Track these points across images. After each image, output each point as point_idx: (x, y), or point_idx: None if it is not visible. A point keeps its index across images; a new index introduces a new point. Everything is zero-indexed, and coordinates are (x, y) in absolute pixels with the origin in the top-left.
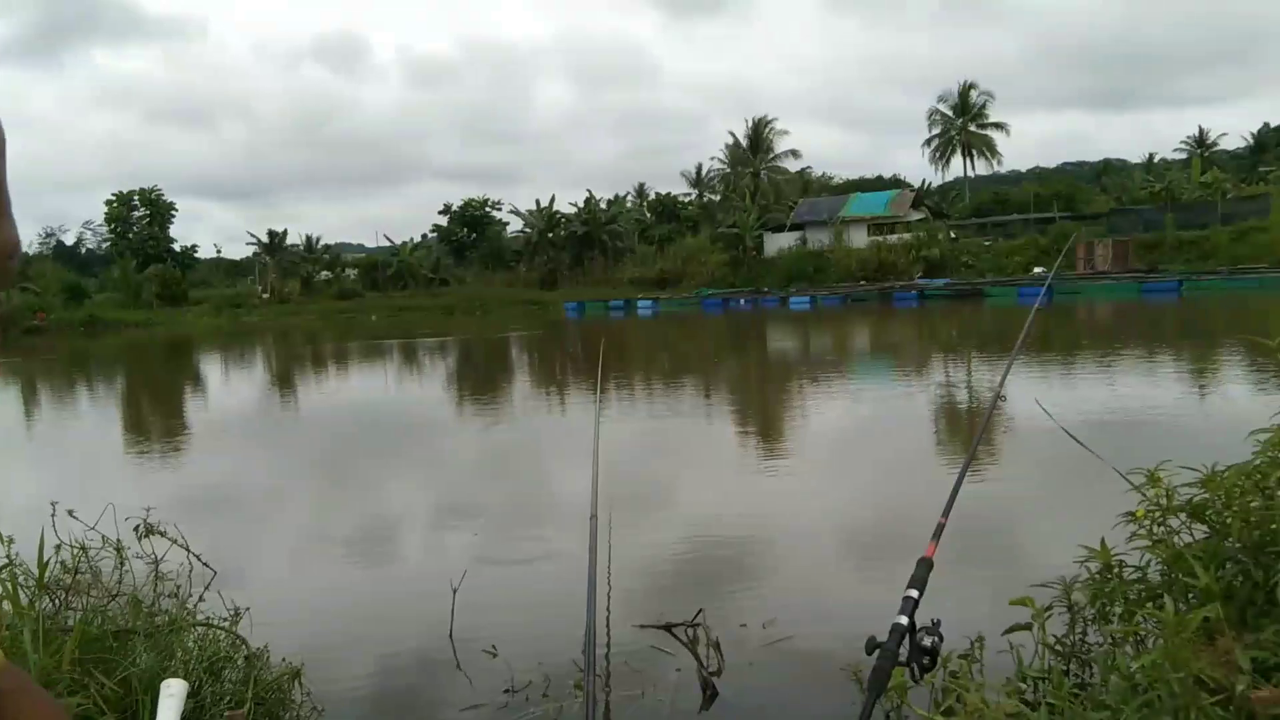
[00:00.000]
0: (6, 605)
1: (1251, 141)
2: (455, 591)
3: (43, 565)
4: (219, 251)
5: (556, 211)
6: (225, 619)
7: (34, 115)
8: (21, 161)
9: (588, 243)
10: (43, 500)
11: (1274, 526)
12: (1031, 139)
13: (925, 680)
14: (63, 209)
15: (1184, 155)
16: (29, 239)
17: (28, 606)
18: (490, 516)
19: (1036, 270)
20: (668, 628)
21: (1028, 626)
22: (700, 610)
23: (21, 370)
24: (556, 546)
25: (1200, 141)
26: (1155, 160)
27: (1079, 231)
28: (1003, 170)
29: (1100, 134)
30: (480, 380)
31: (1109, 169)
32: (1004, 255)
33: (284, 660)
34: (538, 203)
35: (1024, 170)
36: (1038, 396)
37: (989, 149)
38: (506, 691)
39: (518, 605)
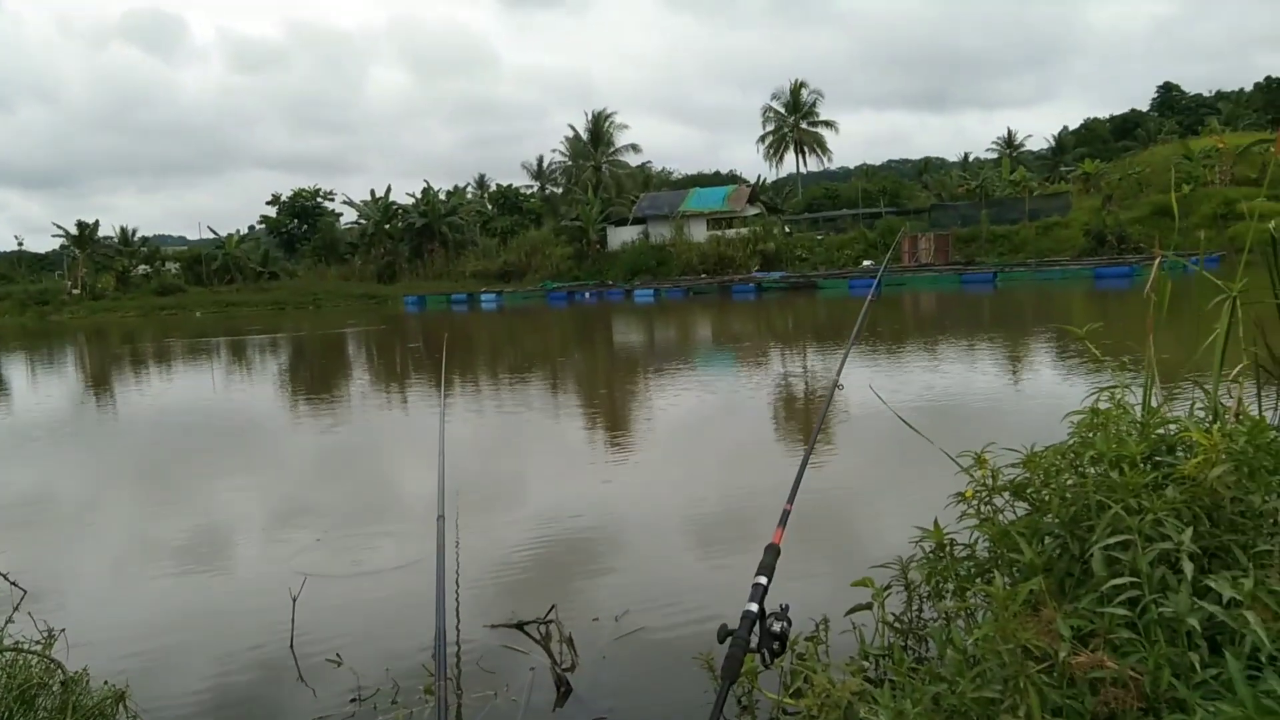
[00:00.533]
0: None
1: (1053, 143)
2: (295, 600)
3: None
4: (20, 244)
5: (393, 202)
6: (38, 641)
7: None
8: None
9: (427, 235)
10: None
11: (1087, 503)
12: (859, 137)
13: (775, 664)
14: None
15: (995, 155)
16: None
17: None
18: (331, 521)
19: (866, 263)
20: (519, 626)
21: (869, 606)
22: (553, 606)
23: None
24: (402, 549)
25: (1009, 142)
26: (970, 159)
27: (905, 226)
28: (833, 167)
29: (921, 133)
30: (315, 378)
31: (929, 166)
32: (835, 249)
33: (106, 683)
34: (373, 193)
35: (852, 167)
36: (872, 384)
37: (820, 146)
38: (353, 700)
39: (362, 611)
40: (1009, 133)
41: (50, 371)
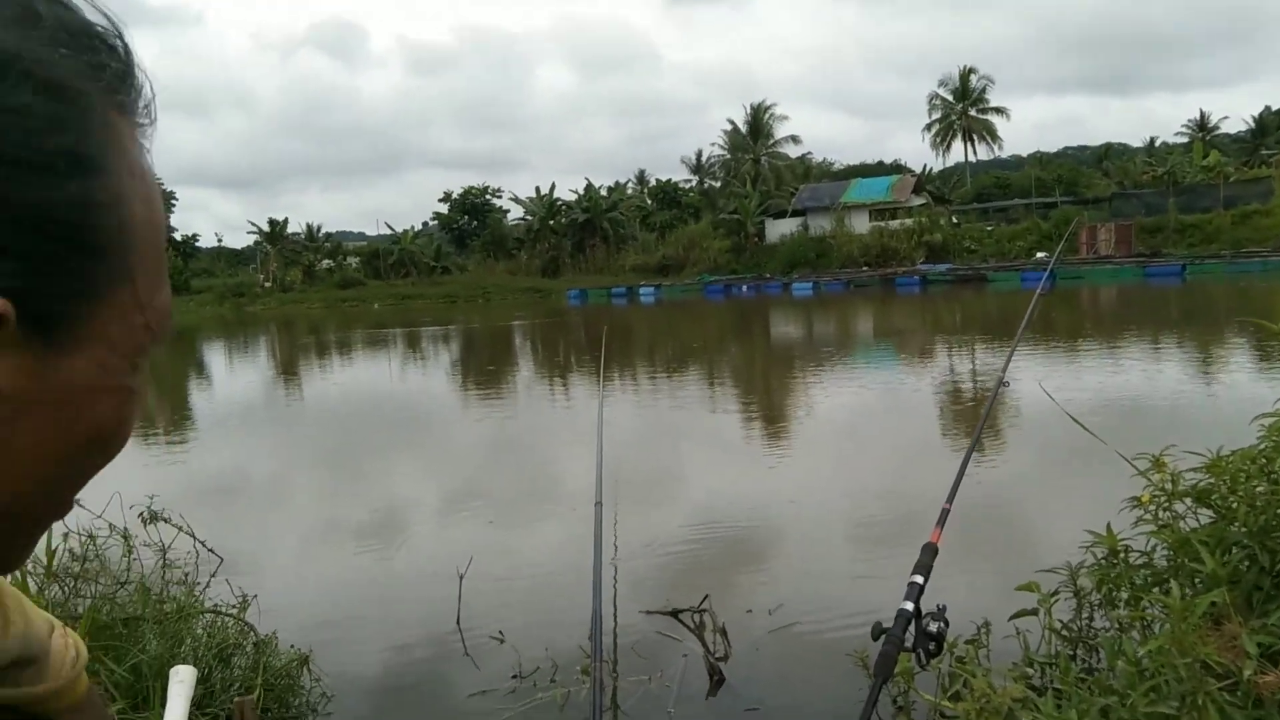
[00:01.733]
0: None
1: (1253, 124)
2: (462, 578)
3: (50, 553)
4: (220, 241)
5: (557, 199)
6: (233, 606)
7: None
8: None
9: (589, 230)
10: None
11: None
12: (1032, 123)
13: (931, 666)
14: None
15: (1185, 139)
16: None
17: (37, 595)
18: (496, 504)
19: (1039, 255)
20: (674, 614)
21: (1034, 612)
22: (706, 596)
23: None
24: (562, 533)
25: (1202, 125)
26: (1156, 144)
27: (1081, 216)
28: (1004, 155)
29: (1101, 118)
30: (484, 368)
31: (1110, 153)
32: (1006, 240)
33: (292, 647)
34: (538, 190)
35: (1025, 155)
36: (1042, 381)
37: (990, 134)
38: (514, 677)
39: (524, 592)
40: (1201, 115)
41: (246, 359)
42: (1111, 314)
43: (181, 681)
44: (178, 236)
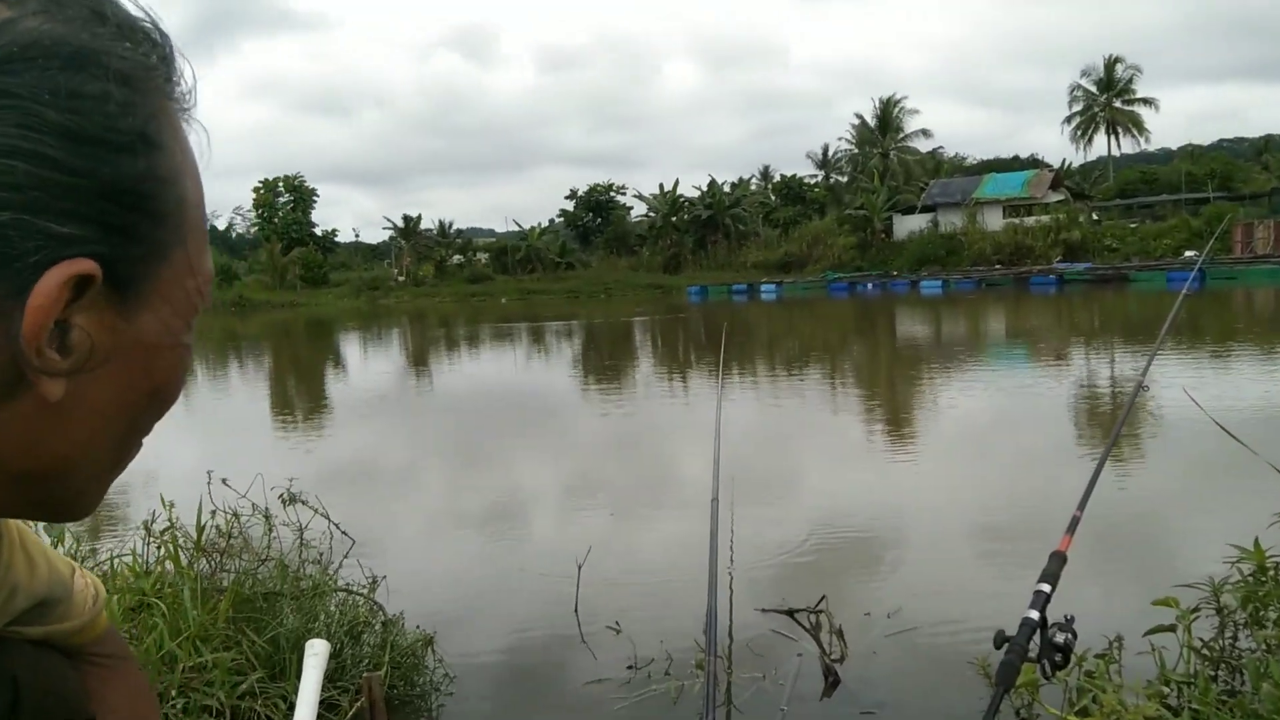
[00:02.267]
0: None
1: None
2: (580, 568)
3: (200, 529)
4: (357, 236)
5: (680, 195)
6: (364, 586)
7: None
8: None
9: (711, 226)
10: (199, 469)
11: None
12: (1184, 114)
13: (1057, 678)
14: (216, 195)
15: None
16: None
17: (187, 567)
18: (614, 496)
19: (1188, 254)
20: (790, 613)
21: (1171, 628)
22: (823, 597)
23: None
24: (678, 528)
25: None
26: None
27: (1236, 212)
28: (1151, 148)
29: (1260, 108)
30: (605, 363)
31: (1270, 145)
32: (1152, 238)
33: (418, 627)
34: (661, 187)
35: (1175, 148)
36: (1186, 386)
37: (1136, 126)
38: (629, 668)
39: (640, 584)
40: None
41: (379, 350)
42: (1268, 317)
43: (316, 655)
44: (318, 232)
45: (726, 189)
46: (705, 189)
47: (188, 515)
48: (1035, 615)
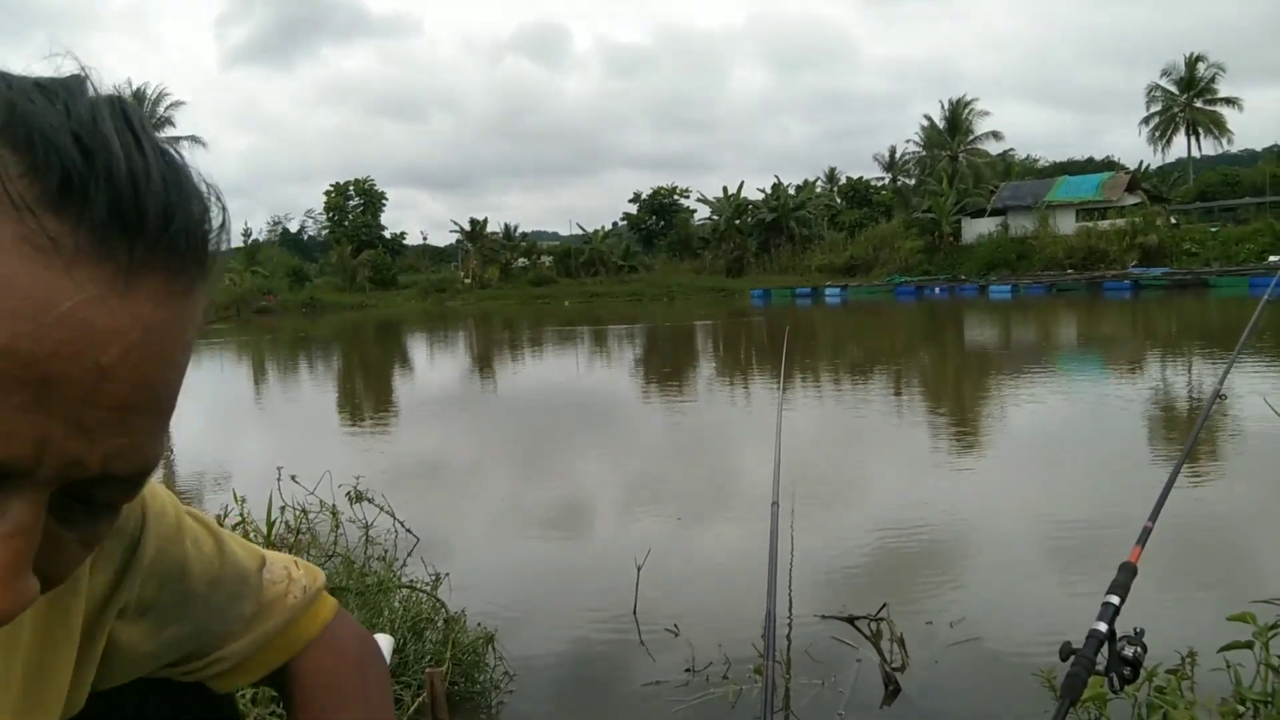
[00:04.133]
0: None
1: None
2: (639, 569)
3: (270, 524)
4: (425, 238)
5: (744, 199)
6: (427, 583)
7: (267, 112)
8: (256, 156)
9: (775, 229)
10: (270, 466)
11: None
12: (1270, 114)
13: (1126, 693)
14: (290, 199)
15: None
16: (259, 227)
17: None
18: (673, 498)
19: (1272, 259)
20: (850, 620)
21: (1248, 645)
22: (884, 604)
23: (251, 347)
24: (737, 531)
25: None
26: None
27: None
28: (1234, 149)
29: None
30: (667, 366)
31: None
32: (1233, 242)
33: (479, 625)
34: (725, 190)
35: (1260, 149)
36: (1267, 395)
37: (1218, 126)
38: (687, 671)
39: (698, 586)
40: None
41: (446, 351)
42: None
43: (381, 649)
44: (387, 234)
45: (792, 191)
46: (770, 191)
47: (258, 510)
48: (1103, 627)
